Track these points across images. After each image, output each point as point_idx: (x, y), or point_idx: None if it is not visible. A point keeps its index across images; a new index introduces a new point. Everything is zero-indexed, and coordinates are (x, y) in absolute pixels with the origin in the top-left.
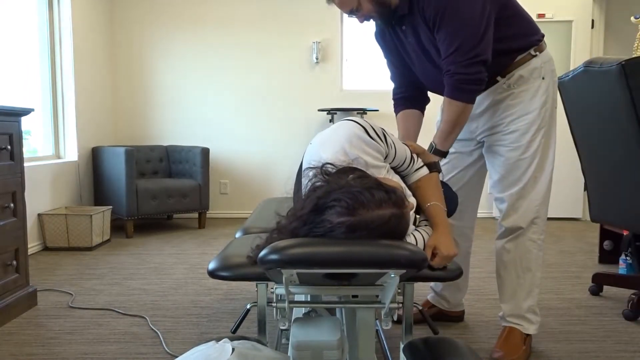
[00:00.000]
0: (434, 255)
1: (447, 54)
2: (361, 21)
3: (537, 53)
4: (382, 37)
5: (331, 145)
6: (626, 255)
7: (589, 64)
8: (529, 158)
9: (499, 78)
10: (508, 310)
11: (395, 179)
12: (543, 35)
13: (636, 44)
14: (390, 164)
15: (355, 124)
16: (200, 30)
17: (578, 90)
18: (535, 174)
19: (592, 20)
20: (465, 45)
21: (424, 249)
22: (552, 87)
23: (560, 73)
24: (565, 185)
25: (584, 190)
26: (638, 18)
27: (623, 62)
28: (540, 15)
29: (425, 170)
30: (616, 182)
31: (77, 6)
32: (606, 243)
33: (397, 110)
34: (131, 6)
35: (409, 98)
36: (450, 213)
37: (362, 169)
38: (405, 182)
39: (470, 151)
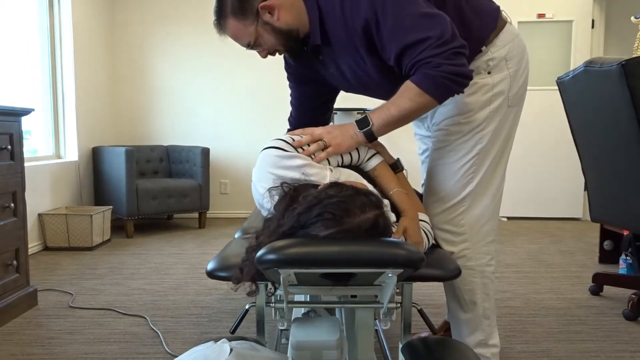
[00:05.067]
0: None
1: (420, 49)
2: (264, 56)
3: (483, 47)
4: (292, 63)
5: (263, 179)
6: (626, 255)
7: (589, 64)
8: (462, 168)
9: None
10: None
11: (352, 178)
12: (494, 19)
13: (636, 44)
14: (341, 164)
15: (270, 149)
16: (201, 30)
17: (578, 90)
18: (472, 188)
19: (592, 20)
20: (439, 34)
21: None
22: (503, 81)
23: (560, 73)
24: (565, 185)
25: (584, 190)
26: (638, 18)
27: (623, 62)
28: (540, 15)
29: (378, 158)
30: (616, 182)
31: (77, 6)
32: (606, 243)
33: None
34: (131, 6)
35: (310, 124)
36: None
37: (308, 180)
38: (364, 173)
39: None
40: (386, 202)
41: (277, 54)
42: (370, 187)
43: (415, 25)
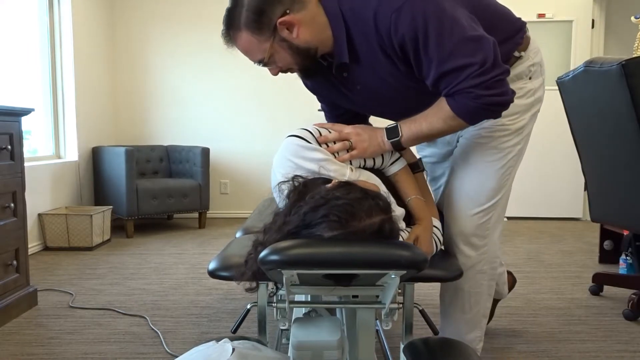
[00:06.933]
0: None
1: (461, 78)
2: (275, 73)
3: (522, 53)
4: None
5: (281, 166)
6: (626, 255)
7: (589, 64)
8: (503, 168)
9: None
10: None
11: (371, 181)
12: (524, 25)
13: (636, 44)
14: (364, 166)
15: (293, 137)
16: (201, 30)
17: (578, 90)
18: (505, 191)
19: (592, 20)
20: (482, 60)
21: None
22: (541, 86)
23: (560, 73)
24: (565, 185)
25: (584, 190)
26: (638, 18)
27: (623, 62)
28: (540, 15)
29: (401, 162)
30: (616, 182)
31: (77, 6)
32: (606, 243)
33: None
34: (131, 6)
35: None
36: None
37: (326, 175)
38: (384, 176)
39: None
40: (401, 210)
41: (289, 72)
42: (384, 190)
43: (457, 50)
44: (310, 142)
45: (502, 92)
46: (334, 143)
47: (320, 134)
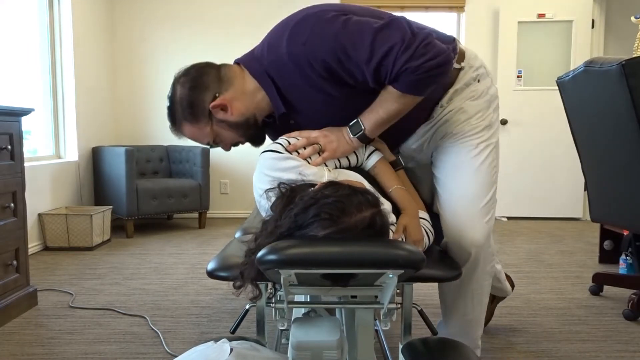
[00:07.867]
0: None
1: (390, 62)
2: (227, 149)
3: (462, 64)
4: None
5: (260, 181)
6: (626, 255)
7: (589, 64)
8: (487, 160)
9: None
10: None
11: (352, 178)
12: (453, 39)
13: (636, 44)
14: (339, 167)
15: (266, 152)
16: (201, 30)
17: (578, 90)
18: (495, 187)
19: (592, 20)
20: (400, 38)
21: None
22: (492, 85)
23: (560, 73)
24: (565, 185)
25: (584, 190)
26: (638, 18)
27: (623, 62)
28: (540, 15)
29: (377, 155)
30: (616, 182)
31: (77, 6)
32: (606, 243)
33: None
34: (131, 6)
35: None
36: (437, 243)
37: (306, 180)
38: (365, 173)
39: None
40: (388, 204)
41: (240, 144)
42: (369, 186)
43: (374, 43)
44: (282, 153)
45: (435, 53)
46: (305, 149)
47: (290, 143)
